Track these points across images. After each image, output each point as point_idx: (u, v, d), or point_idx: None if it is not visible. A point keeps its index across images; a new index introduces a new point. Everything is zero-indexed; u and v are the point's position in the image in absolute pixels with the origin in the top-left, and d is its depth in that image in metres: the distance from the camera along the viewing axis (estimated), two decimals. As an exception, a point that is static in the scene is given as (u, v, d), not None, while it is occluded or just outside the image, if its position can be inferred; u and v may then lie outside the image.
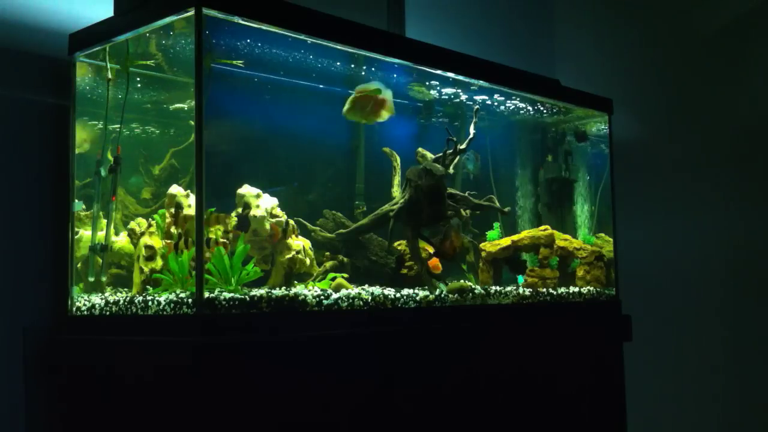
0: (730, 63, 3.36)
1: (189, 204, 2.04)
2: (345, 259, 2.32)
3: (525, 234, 2.76)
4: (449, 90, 2.61)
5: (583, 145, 3.11)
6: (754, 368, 3.21)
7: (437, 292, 2.21)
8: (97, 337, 1.91)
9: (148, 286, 2.00)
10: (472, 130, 2.46)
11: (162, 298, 1.80)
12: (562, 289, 2.63)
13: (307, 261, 2.18)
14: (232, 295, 1.76)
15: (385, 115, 2.23)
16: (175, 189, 2.08)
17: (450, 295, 2.23)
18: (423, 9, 3.10)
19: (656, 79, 3.57)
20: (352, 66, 2.31)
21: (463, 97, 2.69)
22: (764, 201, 3.23)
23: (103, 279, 2.07)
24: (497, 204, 2.57)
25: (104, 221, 2.08)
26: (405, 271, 2.43)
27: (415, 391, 2.02)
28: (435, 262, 2.45)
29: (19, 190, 2.10)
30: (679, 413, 3.40)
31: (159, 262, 2.02)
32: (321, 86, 2.40)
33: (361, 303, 2.00)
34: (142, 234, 2.07)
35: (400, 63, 2.27)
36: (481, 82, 2.51)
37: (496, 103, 2.80)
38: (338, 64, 2.27)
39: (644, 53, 3.62)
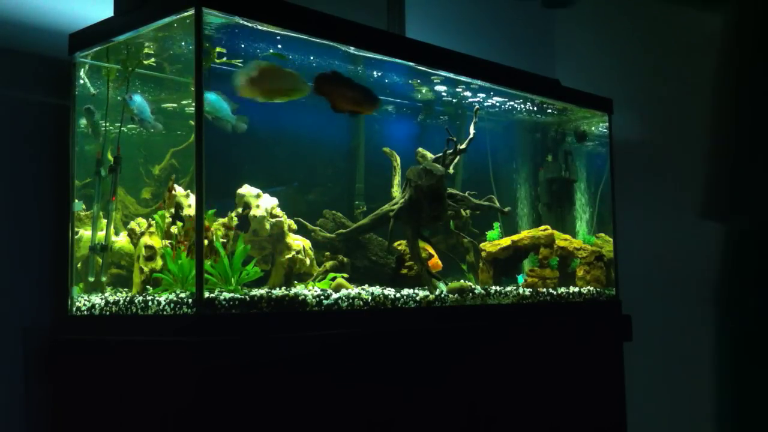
0: (731, 63, 3.36)
1: (189, 204, 2.04)
2: (345, 259, 2.32)
3: (525, 234, 2.76)
4: (449, 90, 2.61)
5: (583, 145, 3.11)
6: (755, 368, 3.21)
7: (437, 292, 2.21)
8: (97, 337, 1.91)
9: (148, 286, 2.00)
10: (472, 130, 2.46)
11: (162, 298, 1.80)
12: (562, 289, 2.63)
13: (307, 261, 2.18)
14: (232, 295, 1.76)
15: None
16: (175, 189, 2.08)
17: (450, 295, 2.23)
18: (423, 9, 3.10)
19: (656, 79, 3.57)
20: (352, 66, 2.31)
21: (463, 96, 2.69)
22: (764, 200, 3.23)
23: (103, 279, 2.07)
24: (497, 204, 2.57)
25: (104, 221, 2.08)
26: (405, 271, 2.43)
27: (415, 391, 2.02)
28: (435, 262, 2.45)
29: (19, 190, 2.10)
30: (679, 413, 3.40)
31: (159, 262, 2.02)
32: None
33: (361, 303, 2.00)
34: (142, 234, 2.07)
35: (400, 63, 2.27)
36: (481, 82, 2.51)
37: (496, 103, 2.80)
38: (337, 63, 2.26)
39: (644, 53, 3.62)
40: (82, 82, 2.11)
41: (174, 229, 2.01)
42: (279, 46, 2.06)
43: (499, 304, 2.36)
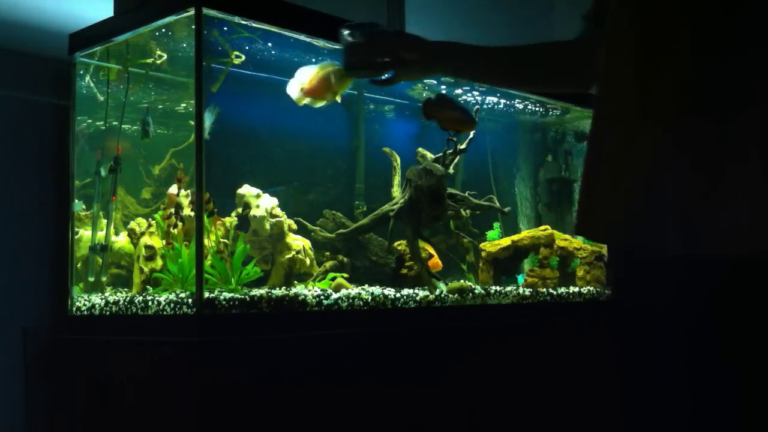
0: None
1: (189, 204, 2.04)
2: (345, 259, 2.32)
3: (525, 234, 2.76)
4: (449, 90, 2.61)
5: (583, 145, 3.11)
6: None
7: (437, 292, 2.21)
8: (98, 337, 1.91)
9: (148, 286, 2.00)
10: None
11: (162, 298, 1.80)
12: (562, 289, 2.63)
13: (307, 261, 2.18)
14: (232, 295, 1.76)
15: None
16: (175, 189, 2.08)
17: (450, 295, 2.23)
18: (423, 7, 3.10)
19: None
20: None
21: (464, 96, 2.69)
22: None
23: (103, 279, 2.07)
24: (497, 204, 2.57)
25: (104, 221, 2.08)
26: (405, 271, 2.43)
27: (415, 391, 2.02)
28: (435, 262, 2.44)
29: (19, 190, 2.10)
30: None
31: (159, 262, 2.02)
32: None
33: (361, 303, 2.00)
34: (142, 234, 2.07)
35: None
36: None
37: (496, 103, 2.80)
38: (337, 63, 2.27)
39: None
40: (87, 83, 2.11)
41: (174, 230, 2.01)
42: (269, 43, 2.06)
43: (499, 304, 2.36)
